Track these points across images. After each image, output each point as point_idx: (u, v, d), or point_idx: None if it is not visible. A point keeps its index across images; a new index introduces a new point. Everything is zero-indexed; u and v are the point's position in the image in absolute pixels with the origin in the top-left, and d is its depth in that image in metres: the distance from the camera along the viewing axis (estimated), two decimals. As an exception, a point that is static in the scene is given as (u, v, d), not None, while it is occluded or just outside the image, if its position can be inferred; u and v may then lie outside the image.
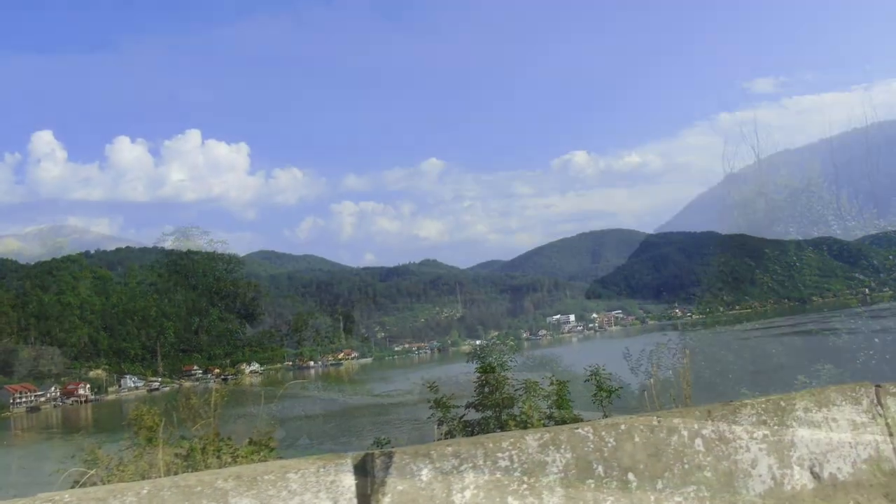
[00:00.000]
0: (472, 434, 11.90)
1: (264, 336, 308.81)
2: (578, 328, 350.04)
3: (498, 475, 4.67)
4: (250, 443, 9.64)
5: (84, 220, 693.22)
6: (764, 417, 5.88)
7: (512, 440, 4.83)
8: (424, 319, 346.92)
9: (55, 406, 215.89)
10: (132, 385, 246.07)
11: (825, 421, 6.10)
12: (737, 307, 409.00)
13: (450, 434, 12.21)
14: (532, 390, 12.80)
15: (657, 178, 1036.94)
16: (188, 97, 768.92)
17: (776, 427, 5.87)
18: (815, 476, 5.89)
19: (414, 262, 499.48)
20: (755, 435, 5.76)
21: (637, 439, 5.27)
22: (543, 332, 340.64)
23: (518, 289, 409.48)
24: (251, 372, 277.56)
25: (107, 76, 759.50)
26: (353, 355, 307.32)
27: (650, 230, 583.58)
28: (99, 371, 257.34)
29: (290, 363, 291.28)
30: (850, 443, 6.12)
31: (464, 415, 12.88)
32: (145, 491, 3.90)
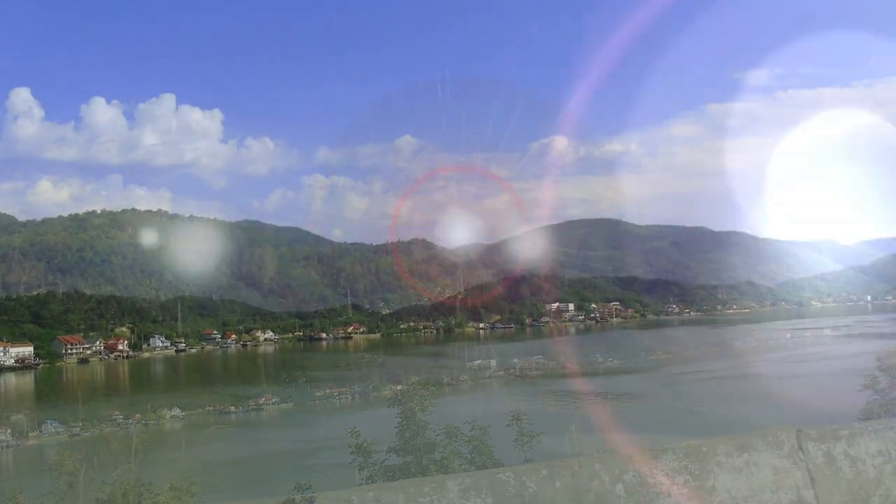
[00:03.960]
0: (393, 479, 11.82)
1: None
2: (579, 317, 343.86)
3: (417, 520, 4.59)
4: (171, 488, 9.42)
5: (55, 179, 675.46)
6: (685, 462, 5.87)
7: (433, 485, 4.76)
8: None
9: (101, 360, 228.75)
10: (160, 345, 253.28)
11: (746, 466, 6.11)
12: (734, 307, 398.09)
13: (371, 479, 12.09)
14: (453, 435, 12.73)
15: (640, 168, 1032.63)
16: (165, 63, 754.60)
17: (697, 472, 5.87)
18: (736, 521, 5.88)
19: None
20: (676, 480, 5.75)
21: (558, 484, 5.22)
22: (546, 319, 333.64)
23: (509, 274, 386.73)
24: (265, 340, 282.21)
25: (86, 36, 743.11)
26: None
27: (635, 221, 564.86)
28: (123, 329, 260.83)
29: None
30: (771, 488, 6.13)
31: (385, 459, 12.75)
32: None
